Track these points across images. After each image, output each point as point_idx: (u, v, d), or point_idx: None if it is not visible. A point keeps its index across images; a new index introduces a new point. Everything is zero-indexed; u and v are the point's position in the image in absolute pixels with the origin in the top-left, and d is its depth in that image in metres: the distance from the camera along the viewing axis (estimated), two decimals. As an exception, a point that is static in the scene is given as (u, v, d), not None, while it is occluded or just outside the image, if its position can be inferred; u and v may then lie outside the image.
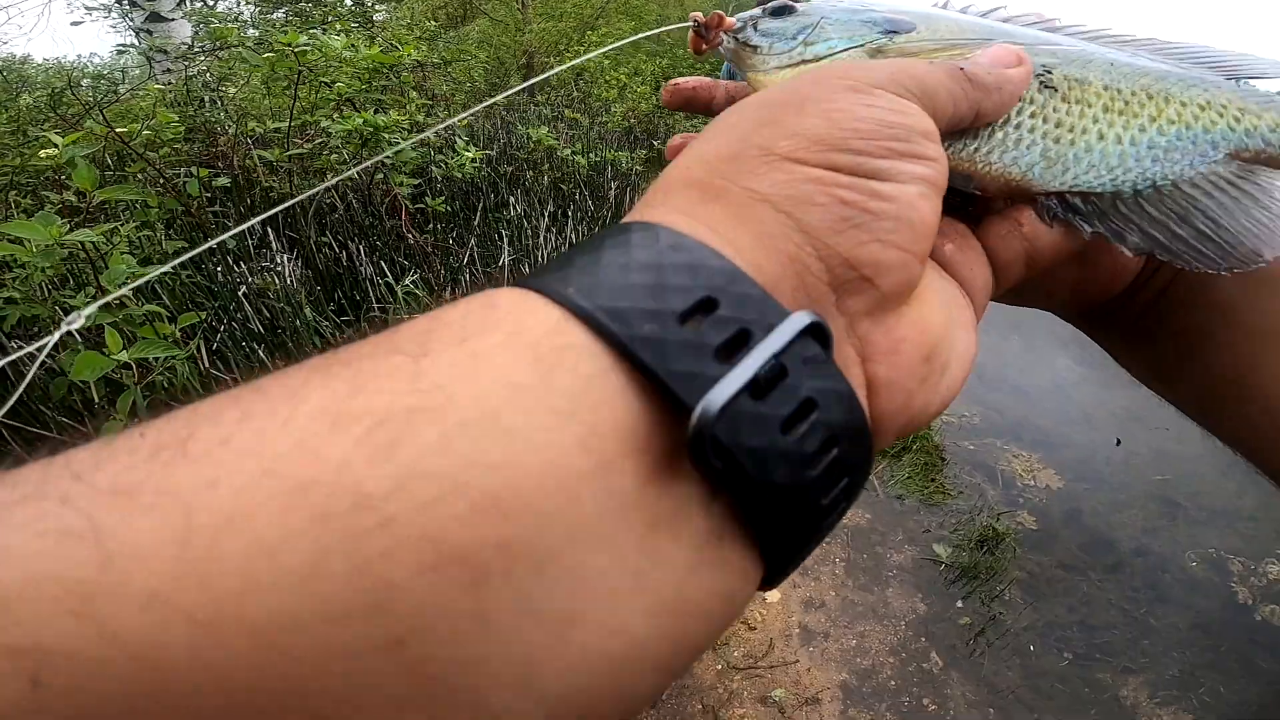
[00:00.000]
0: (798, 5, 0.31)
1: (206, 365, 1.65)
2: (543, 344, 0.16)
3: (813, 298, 0.19)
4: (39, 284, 1.60)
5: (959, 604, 2.22)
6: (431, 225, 2.26)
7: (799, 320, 0.17)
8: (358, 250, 2.06)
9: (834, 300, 0.20)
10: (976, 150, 0.26)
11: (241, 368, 1.78)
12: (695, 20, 0.32)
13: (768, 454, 0.16)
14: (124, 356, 1.19)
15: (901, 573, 2.36)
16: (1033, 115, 0.27)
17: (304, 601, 0.12)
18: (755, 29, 0.31)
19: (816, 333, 0.18)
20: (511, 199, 2.52)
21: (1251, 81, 0.29)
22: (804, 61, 0.30)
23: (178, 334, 1.36)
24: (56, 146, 1.44)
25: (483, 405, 0.15)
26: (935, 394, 0.22)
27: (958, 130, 0.25)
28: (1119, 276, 0.30)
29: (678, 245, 0.18)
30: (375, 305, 2.10)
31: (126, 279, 1.34)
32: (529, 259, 2.57)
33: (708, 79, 0.34)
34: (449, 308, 0.17)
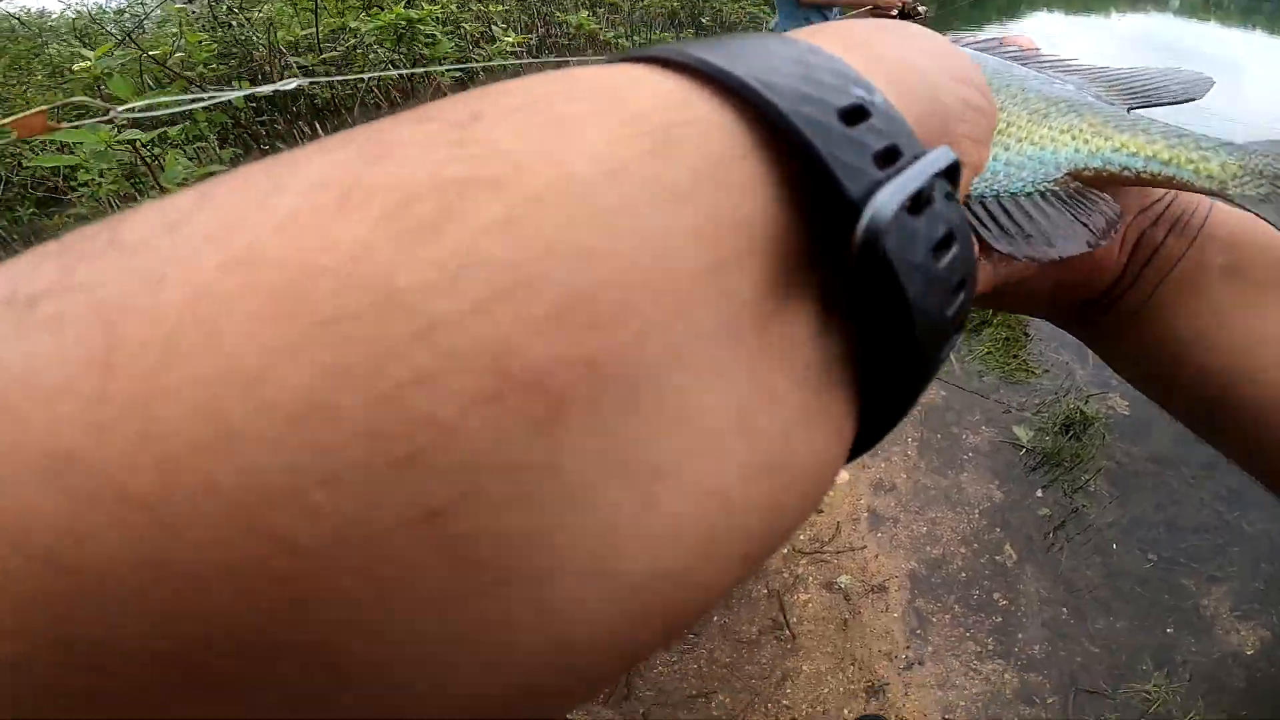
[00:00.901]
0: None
1: None
2: (655, 116, 0.12)
3: (930, 140, 0.18)
4: (105, 198, 1.63)
5: (1039, 493, 2.14)
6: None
7: (947, 154, 0.15)
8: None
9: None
10: None
11: None
12: None
13: (926, 275, 0.14)
14: None
15: (977, 456, 2.28)
16: None
17: (299, 458, 0.08)
18: None
19: (954, 171, 0.16)
20: (560, 86, 2.47)
21: (1152, 108, 0.31)
22: None
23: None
24: (89, 59, 1.46)
25: (568, 177, 0.10)
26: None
27: None
28: (1098, 273, 0.30)
29: (817, 52, 0.15)
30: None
31: (185, 178, 1.38)
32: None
33: None
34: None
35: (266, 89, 1.09)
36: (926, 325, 0.14)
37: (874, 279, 0.13)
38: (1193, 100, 0.31)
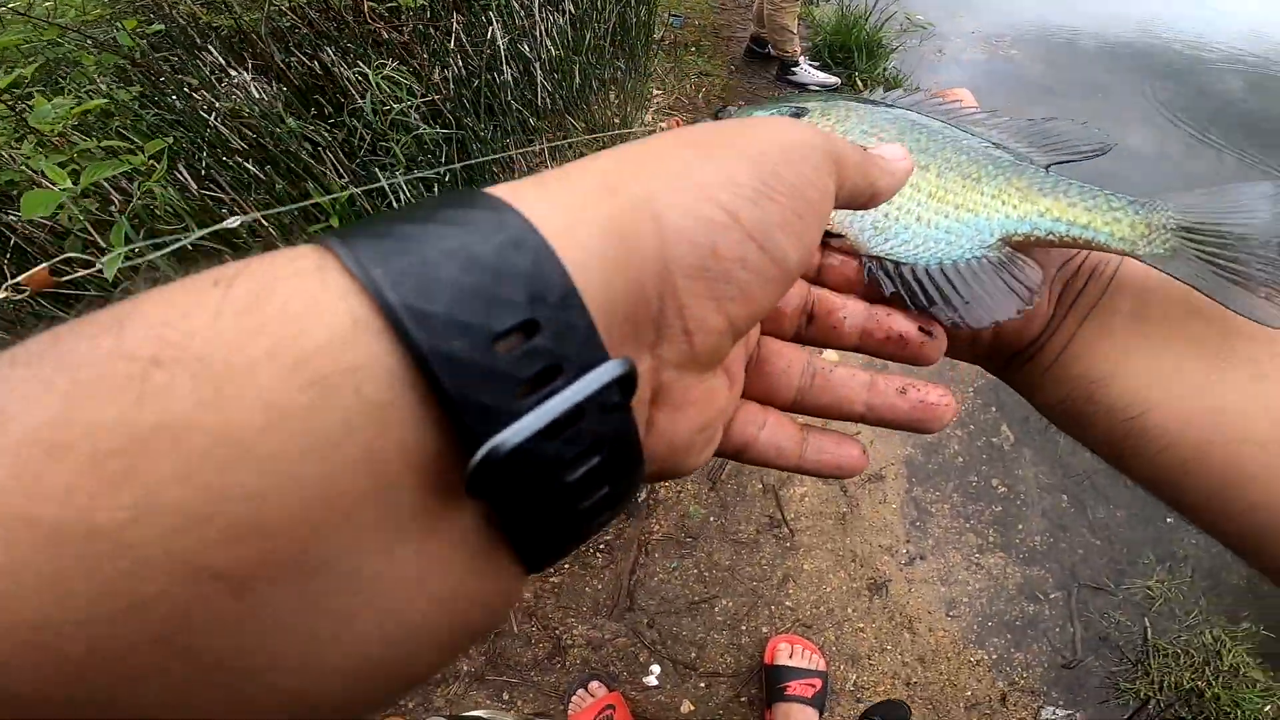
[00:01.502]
0: (733, 109, 0.37)
1: (197, 188, 1.51)
2: (318, 361, 0.14)
3: (638, 331, 0.19)
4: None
5: (1036, 373, 2.04)
6: (409, 23, 1.96)
7: (612, 369, 0.17)
8: (331, 58, 1.83)
9: (652, 340, 0.19)
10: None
11: (235, 186, 1.62)
12: None
13: (546, 496, 0.16)
14: (73, 186, 1.15)
15: (972, 333, 2.15)
16: None
17: (53, 610, 0.12)
18: None
19: (625, 380, 0.17)
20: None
21: (1065, 163, 0.34)
22: None
23: (149, 162, 1.28)
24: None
25: (231, 434, 0.13)
26: (690, 460, 0.23)
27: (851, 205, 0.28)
28: (1032, 324, 0.33)
29: (521, 243, 0.16)
30: (358, 100, 1.87)
31: (58, 117, 1.31)
32: (526, 40, 2.25)
33: None
34: (206, 283, 0.15)
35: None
36: (550, 529, 0.17)
37: (495, 501, 0.16)
38: (1099, 156, 0.34)
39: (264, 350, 0.13)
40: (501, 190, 0.18)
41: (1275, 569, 0.28)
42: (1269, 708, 1.51)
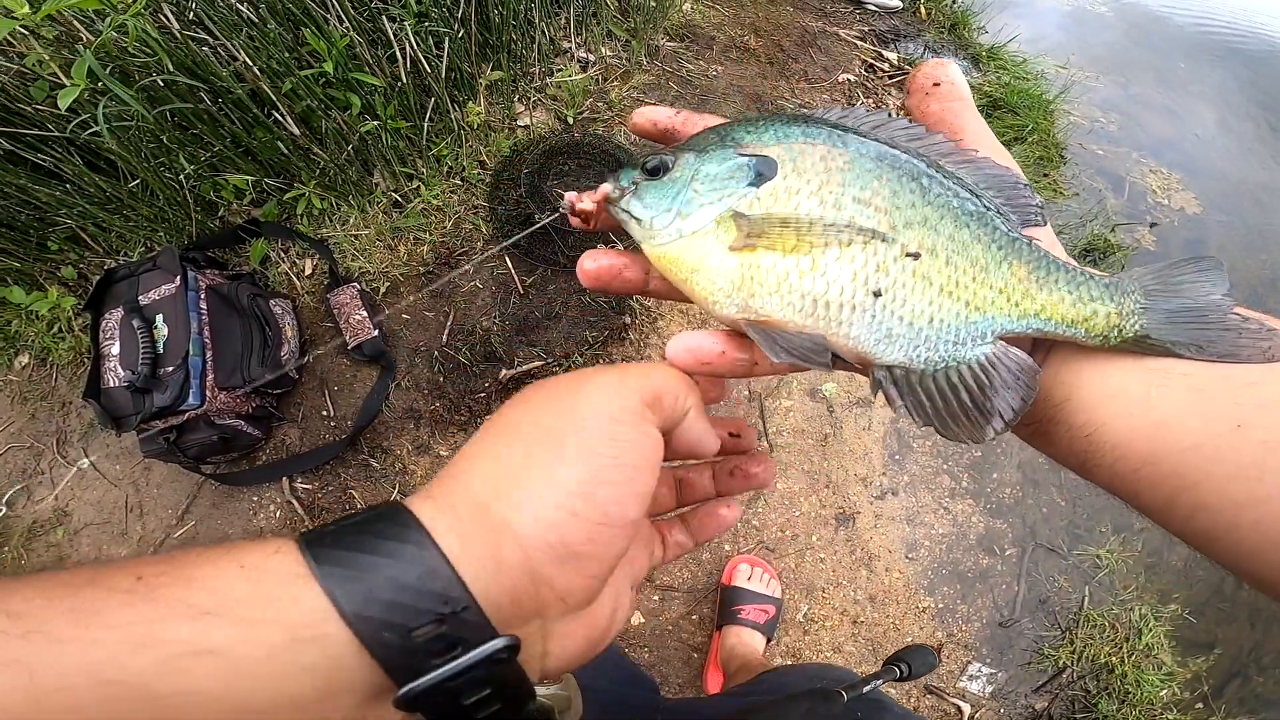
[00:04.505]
0: (670, 159, 0.34)
1: (179, 28, 1.27)
2: (302, 629, 0.23)
3: (522, 609, 0.27)
4: None
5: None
6: None
7: (497, 643, 0.25)
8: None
9: (536, 609, 0.28)
10: (849, 332, 0.32)
11: (224, 30, 1.33)
12: (568, 202, 0.35)
13: (450, 711, 0.25)
14: (31, 12, 1.06)
15: (979, 268, 1.91)
16: (893, 299, 0.32)
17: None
18: (638, 198, 0.34)
19: (509, 647, 0.26)
20: None
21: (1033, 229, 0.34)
22: (683, 236, 0.33)
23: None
24: None
25: (250, 654, 0.23)
26: (592, 653, 0.31)
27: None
28: None
29: (435, 572, 0.25)
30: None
31: None
32: None
33: (622, 258, 0.36)
34: (208, 561, 0.25)
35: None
36: None
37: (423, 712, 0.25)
38: (1042, 221, 0.34)
39: (269, 614, 0.23)
40: (419, 510, 0.27)
41: (1226, 564, 0.29)
42: (1165, 692, 1.47)
